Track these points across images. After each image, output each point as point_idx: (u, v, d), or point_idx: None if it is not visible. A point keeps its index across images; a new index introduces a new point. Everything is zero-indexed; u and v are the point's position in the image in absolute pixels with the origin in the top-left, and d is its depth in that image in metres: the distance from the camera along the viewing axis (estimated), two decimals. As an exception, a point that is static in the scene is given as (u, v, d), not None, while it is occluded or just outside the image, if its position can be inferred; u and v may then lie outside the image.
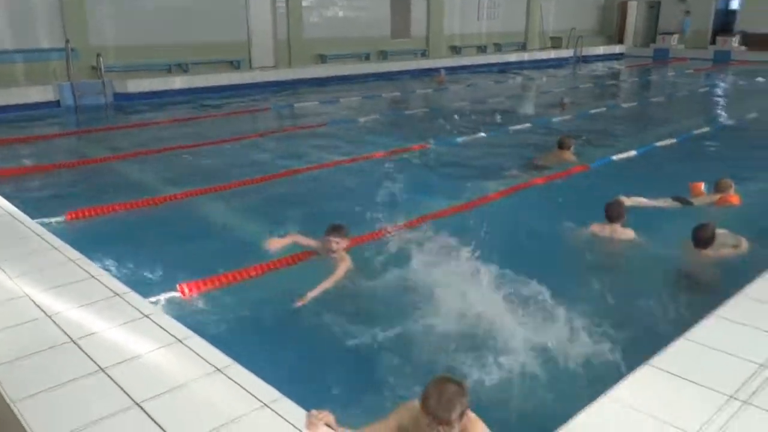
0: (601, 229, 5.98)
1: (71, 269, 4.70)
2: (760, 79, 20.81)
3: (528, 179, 8.56)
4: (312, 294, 4.90)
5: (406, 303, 4.76)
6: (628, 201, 6.85)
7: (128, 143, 11.03)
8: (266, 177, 8.58)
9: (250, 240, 6.21)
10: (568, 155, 9.35)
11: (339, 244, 5.26)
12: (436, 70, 20.47)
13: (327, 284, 5.03)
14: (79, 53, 15.01)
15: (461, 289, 4.85)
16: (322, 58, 20.23)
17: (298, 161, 9.55)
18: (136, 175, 8.94)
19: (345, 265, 5.25)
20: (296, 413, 2.99)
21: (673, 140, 11.02)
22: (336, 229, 5.31)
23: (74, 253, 4.99)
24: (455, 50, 24.36)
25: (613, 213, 5.94)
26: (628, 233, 5.96)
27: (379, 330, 4.40)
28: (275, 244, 5.60)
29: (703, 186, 7.32)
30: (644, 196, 7.05)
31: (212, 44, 17.67)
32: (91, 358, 3.45)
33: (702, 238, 5.31)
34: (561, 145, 9.43)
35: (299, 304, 4.80)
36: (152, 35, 16.48)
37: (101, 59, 14.49)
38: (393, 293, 4.93)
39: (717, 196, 7.08)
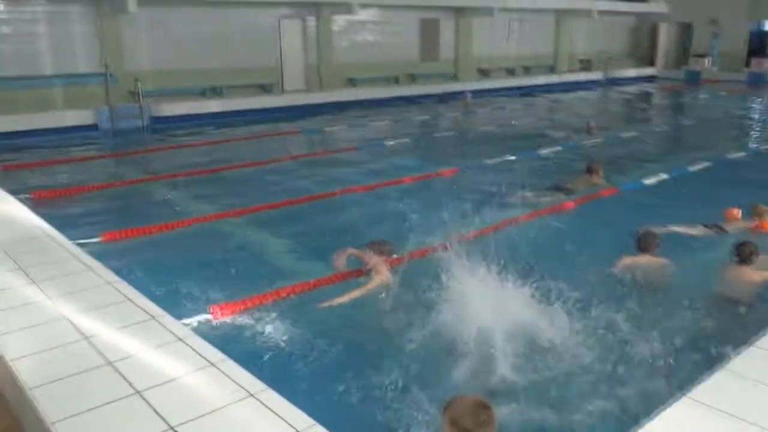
0: (632, 260, 5.85)
1: (108, 291, 4.80)
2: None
3: (557, 203, 8.50)
4: (340, 300, 4.93)
5: (438, 323, 4.75)
6: (660, 230, 6.73)
7: (163, 166, 11.28)
8: (297, 200, 8.67)
9: (280, 262, 6.27)
10: (597, 179, 9.29)
11: (372, 258, 5.32)
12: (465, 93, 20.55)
13: (357, 293, 5.05)
14: (117, 78, 15.47)
15: (491, 313, 4.82)
16: (352, 82, 20.48)
17: (328, 185, 9.62)
18: (170, 197, 9.12)
19: (379, 278, 5.27)
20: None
21: (707, 164, 10.84)
22: (373, 243, 5.40)
23: (110, 275, 5.10)
24: (484, 73, 24.43)
25: (644, 243, 5.83)
26: (661, 262, 5.84)
27: (413, 354, 4.40)
28: (340, 256, 5.70)
29: (738, 212, 7.18)
30: (676, 225, 6.92)
31: (245, 69, 18.05)
32: (128, 381, 3.51)
33: (744, 252, 5.22)
34: (589, 170, 9.38)
35: (323, 305, 4.84)
36: (187, 60, 16.90)
37: (140, 84, 14.87)
38: (425, 314, 4.92)
39: (753, 223, 6.93)
